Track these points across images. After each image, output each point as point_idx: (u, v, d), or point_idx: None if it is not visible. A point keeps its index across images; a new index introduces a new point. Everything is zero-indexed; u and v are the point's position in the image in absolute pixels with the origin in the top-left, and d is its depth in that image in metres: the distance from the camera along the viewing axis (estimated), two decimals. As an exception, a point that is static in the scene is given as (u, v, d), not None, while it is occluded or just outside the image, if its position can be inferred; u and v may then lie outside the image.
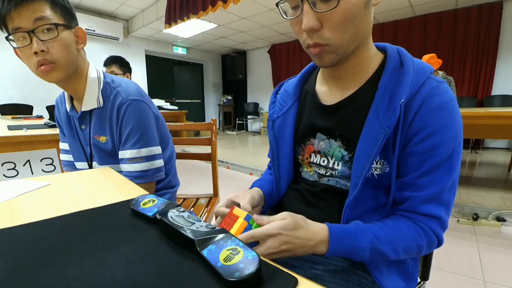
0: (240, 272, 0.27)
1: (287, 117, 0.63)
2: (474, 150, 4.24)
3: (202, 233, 0.33)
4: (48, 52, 0.69)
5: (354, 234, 0.47)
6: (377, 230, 0.48)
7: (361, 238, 0.46)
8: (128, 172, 0.81)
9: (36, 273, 0.30)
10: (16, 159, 1.22)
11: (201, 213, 1.17)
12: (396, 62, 0.50)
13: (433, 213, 0.48)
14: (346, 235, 0.47)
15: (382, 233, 0.48)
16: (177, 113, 4.45)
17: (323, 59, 0.49)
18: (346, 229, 0.48)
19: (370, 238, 0.47)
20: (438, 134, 0.46)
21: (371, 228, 0.48)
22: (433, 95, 0.46)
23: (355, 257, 0.47)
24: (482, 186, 2.49)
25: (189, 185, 2.92)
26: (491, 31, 3.95)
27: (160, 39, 5.93)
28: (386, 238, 0.47)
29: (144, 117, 0.82)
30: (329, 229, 0.47)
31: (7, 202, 0.53)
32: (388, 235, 0.48)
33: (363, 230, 0.47)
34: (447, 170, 0.47)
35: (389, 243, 0.47)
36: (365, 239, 0.46)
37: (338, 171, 0.55)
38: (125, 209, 0.47)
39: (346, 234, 0.47)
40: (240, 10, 4.18)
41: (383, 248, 0.47)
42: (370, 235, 0.47)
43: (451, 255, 1.50)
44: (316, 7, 0.44)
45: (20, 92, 4.18)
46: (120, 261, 0.32)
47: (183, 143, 1.38)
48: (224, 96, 7.45)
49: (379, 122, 0.48)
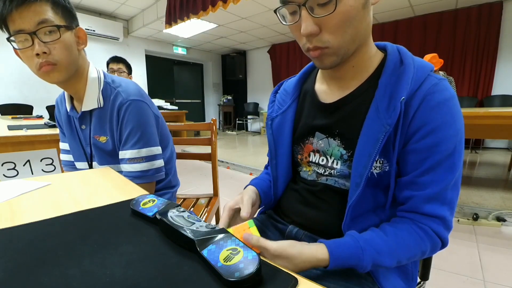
0: (240, 272, 0.27)
1: (286, 116, 0.63)
2: (474, 150, 4.24)
3: (202, 233, 0.33)
4: (50, 53, 0.69)
5: (354, 254, 0.45)
6: (378, 243, 0.46)
7: (362, 257, 0.45)
8: (128, 172, 0.81)
9: (36, 273, 0.30)
10: (16, 159, 1.22)
11: (201, 213, 1.17)
12: (396, 61, 0.50)
13: (437, 213, 0.46)
14: (346, 257, 0.45)
15: (383, 245, 0.46)
16: (177, 113, 4.45)
17: (324, 61, 0.49)
18: (346, 248, 0.46)
19: (371, 255, 0.45)
20: (439, 131, 0.45)
21: (371, 242, 0.46)
22: (434, 92, 0.46)
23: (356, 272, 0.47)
24: (482, 186, 2.49)
25: (189, 185, 2.92)
26: (491, 31, 3.95)
27: (160, 39, 5.92)
28: (387, 251, 0.46)
29: (144, 117, 0.82)
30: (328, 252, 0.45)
31: (7, 202, 0.53)
32: (389, 247, 0.46)
33: (363, 248, 0.45)
34: (449, 168, 0.46)
35: (391, 255, 0.46)
36: (366, 257, 0.45)
37: (337, 170, 0.55)
38: (125, 209, 0.47)
39: (346, 255, 0.45)
40: (240, 10, 4.18)
41: (385, 262, 0.46)
42: (371, 252, 0.45)
43: (451, 255, 1.50)
44: (314, 12, 0.44)
45: (20, 92, 4.18)
46: (120, 261, 0.32)
47: (183, 143, 1.38)
48: (224, 96, 7.45)
49: (379, 120, 0.47)
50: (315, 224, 0.58)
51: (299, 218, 0.61)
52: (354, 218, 0.52)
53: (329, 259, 0.44)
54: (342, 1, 0.42)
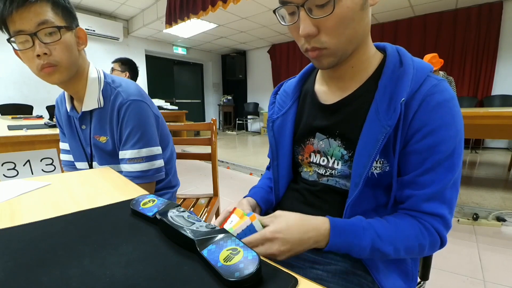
0: (240, 272, 0.27)
1: (286, 117, 0.64)
2: (474, 150, 4.24)
3: (202, 233, 0.33)
4: (50, 55, 0.69)
5: (356, 231, 0.46)
6: (379, 227, 0.47)
7: (363, 236, 0.46)
8: (128, 172, 0.81)
9: (36, 273, 0.30)
10: (16, 159, 1.22)
11: (201, 213, 1.17)
12: (396, 62, 0.50)
13: (436, 212, 0.47)
14: (348, 231, 0.46)
15: (384, 231, 0.47)
16: (177, 113, 4.45)
17: (322, 62, 0.49)
18: (348, 224, 0.47)
19: (371, 236, 0.46)
20: (439, 132, 0.46)
21: (373, 225, 0.48)
22: (433, 93, 0.46)
23: (354, 254, 0.47)
24: (482, 186, 2.49)
25: (189, 185, 2.92)
26: (491, 31, 3.95)
27: (160, 39, 5.92)
28: (387, 237, 0.47)
29: (144, 117, 0.82)
30: (330, 224, 0.46)
31: (7, 202, 0.53)
32: (390, 233, 0.47)
33: (365, 227, 0.47)
34: (449, 168, 0.46)
35: (391, 242, 0.47)
36: (366, 236, 0.46)
37: (338, 170, 0.55)
38: (125, 209, 0.47)
39: (348, 230, 0.46)
40: (240, 10, 4.18)
41: (384, 247, 0.47)
42: (372, 233, 0.47)
43: (451, 255, 1.50)
44: (312, 14, 0.44)
45: (20, 92, 4.18)
46: (120, 261, 0.32)
47: (183, 143, 1.38)
48: (224, 96, 7.45)
49: (379, 121, 0.48)
50: None
51: None
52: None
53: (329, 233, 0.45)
54: (340, 3, 0.43)
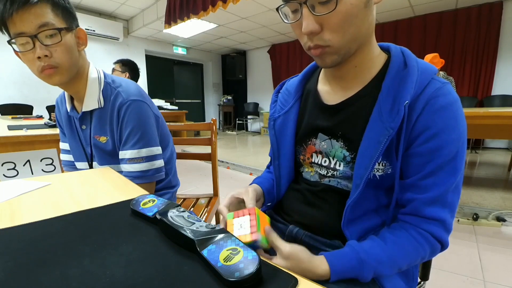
0: (240, 272, 0.27)
1: (288, 116, 0.63)
2: (474, 150, 4.24)
3: (202, 233, 0.33)
4: (51, 56, 0.69)
5: (355, 266, 0.45)
6: (378, 253, 0.46)
7: (362, 269, 0.45)
8: (128, 172, 0.81)
9: (36, 273, 0.30)
10: (16, 159, 1.22)
11: (201, 213, 1.17)
12: (400, 63, 0.50)
13: (438, 216, 0.47)
14: (347, 270, 0.45)
15: (383, 255, 0.46)
16: (177, 113, 4.45)
17: (325, 60, 0.49)
18: (346, 261, 0.46)
19: (372, 266, 0.46)
20: (442, 135, 0.45)
21: (371, 253, 0.46)
22: (437, 96, 0.46)
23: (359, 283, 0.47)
24: (482, 186, 2.49)
25: (189, 185, 2.92)
26: (491, 31, 3.95)
27: (160, 39, 5.92)
28: (387, 260, 0.46)
29: (144, 117, 0.82)
30: (329, 267, 0.45)
31: (7, 202, 0.53)
32: (389, 256, 0.46)
33: (364, 260, 0.46)
34: (451, 171, 0.46)
35: (391, 264, 0.47)
36: (366, 268, 0.45)
37: (340, 171, 0.55)
38: (125, 209, 0.47)
39: (347, 268, 0.45)
40: (240, 10, 4.18)
41: (385, 270, 0.47)
42: (372, 263, 0.46)
43: (451, 255, 1.50)
44: (315, 10, 0.44)
45: (20, 92, 4.18)
46: (120, 261, 0.32)
47: (183, 143, 1.38)
48: (224, 96, 7.44)
49: (382, 123, 0.47)
50: (316, 223, 0.58)
51: (300, 217, 0.61)
52: (354, 218, 0.52)
53: (330, 273, 0.45)
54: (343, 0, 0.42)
